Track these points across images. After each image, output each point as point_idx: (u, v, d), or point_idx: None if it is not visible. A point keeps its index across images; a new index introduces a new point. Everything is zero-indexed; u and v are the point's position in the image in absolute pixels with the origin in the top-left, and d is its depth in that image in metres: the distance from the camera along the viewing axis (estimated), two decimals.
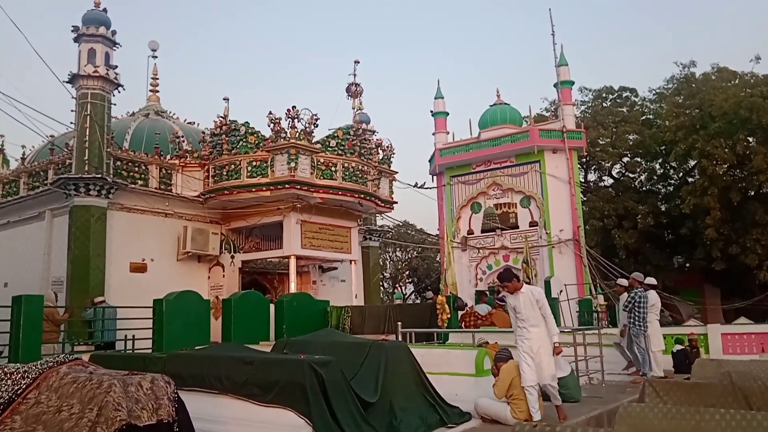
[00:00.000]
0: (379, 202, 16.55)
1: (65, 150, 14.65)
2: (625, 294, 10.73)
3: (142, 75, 19.96)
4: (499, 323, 12.31)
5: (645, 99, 32.00)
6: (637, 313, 10.11)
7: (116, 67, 14.10)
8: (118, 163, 14.19)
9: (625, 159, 30.76)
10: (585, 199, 28.42)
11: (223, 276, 15.51)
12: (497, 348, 7.88)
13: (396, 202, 17.71)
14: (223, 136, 15.08)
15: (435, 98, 27.37)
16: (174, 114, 19.61)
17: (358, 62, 17.93)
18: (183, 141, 16.44)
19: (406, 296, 40.71)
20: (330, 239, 15.98)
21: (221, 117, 15.37)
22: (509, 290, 6.91)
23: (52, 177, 14.38)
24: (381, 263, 33.79)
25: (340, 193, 15.04)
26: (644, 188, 30.85)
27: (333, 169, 14.98)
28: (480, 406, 6.86)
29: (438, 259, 35.23)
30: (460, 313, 13.00)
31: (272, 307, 12.67)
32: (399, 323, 11.42)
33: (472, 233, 24.94)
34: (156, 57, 19.58)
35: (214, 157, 15.27)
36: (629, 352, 10.53)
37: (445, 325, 11.86)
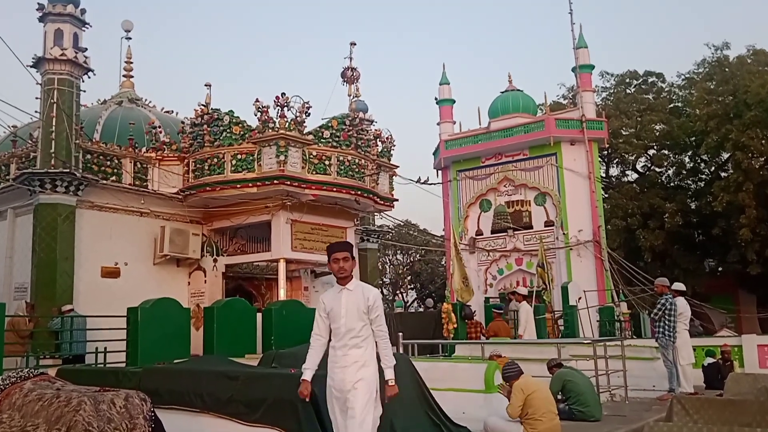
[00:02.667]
0: (378, 200, 16.54)
1: (29, 142, 14.64)
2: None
3: (115, 58, 20.06)
4: (501, 335, 12.40)
5: (673, 85, 32.04)
6: (666, 322, 10.12)
7: (86, 49, 14.08)
8: (88, 156, 14.16)
9: (651, 151, 30.79)
10: (606, 196, 28.45)
11: (205, 282, 15.50)
12: (507, 361, 7.86)
13: (397, 200, 17.70)
14: (205, 126, 15.06)
15: (440, 84, 27.38)
16: (150, 102, 19.61)
17: (355, 44, 17.87)
18: (160, 132, 16.43)
19: (408, 304, 40.74)
20: (323, 241, 15.93)
21: (203, 105, 15.35)
22: (339, 276, 4.95)
23: (14, 172, 14.36)
24: (380, 267, 33.83)
25: (334, 189, 15.02)
26: (672, 184, 30.88)
27: (327, 162, 14.97)
28: (490, 426, 6.88)
29: (443, 262, 35.26)
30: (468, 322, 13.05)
31: (259, 316, 12.64)
32: (400, 334, 11.41)
33: (481, 234, 24.96)
34: (130, 39, 19.57)
35: (194, 150, 15.26)
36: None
37: (451, 335, 11.88)
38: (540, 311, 16.46)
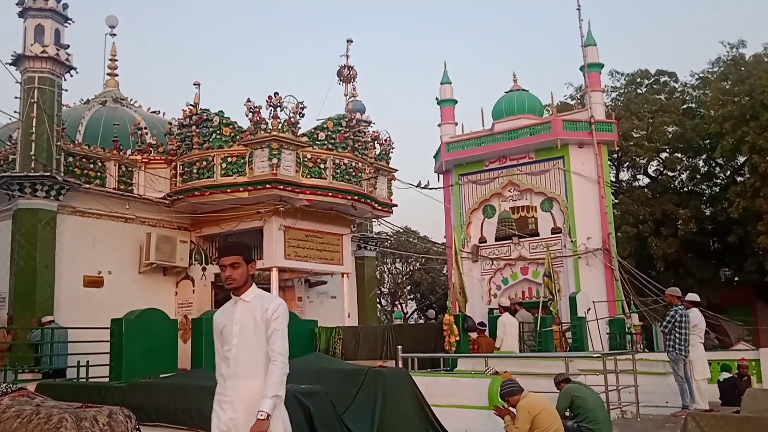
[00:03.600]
0: (376, 205, 16.56)
1: (8, 144, 14.64)
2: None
3: (99, 56, 20.05)
4: (483, 350, 12.45)
5: (686, 85, 32.11)
6: (677, 335, 10.14)
7: (68, 46, 14.10)
8: (70, 158, 14.17)
9: (664, 155, 30.82)
10: (616, 201, 28.47)
11: (193, 291, 15.49)
12: (509, 377, 7.84)
13: (395, 205, 17.72)
14: (194, 127, 15.08)
15: (441, 83, 27.42)
16: (136, 102, 19.62)
17: (351, 41, 17.98)
18: (146, 133, 16.43)
19: (408, 315, 40.69)
20: (318, 248, 15.98)
21: (191, 105, 15.38)
22: (227, 287, 4.18)
23: None
24: (378, 277, 33.81)
25: (330, 194, 15.05)
26: (685, 189, 30.92)
27: (322, 166, 14.99)
28: None
29: (444, 271, 35.26)
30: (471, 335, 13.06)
31: None
32: (399, 347, 11.43)
33: (485, 241, 24.96)
34: (115, 35, 19.60)
35: (182, 153, 15.27)
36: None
37: (453, 349, 11.86)
38: (547, 323, 16.46)
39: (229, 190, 14.57)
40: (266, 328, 3.96)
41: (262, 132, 14.38)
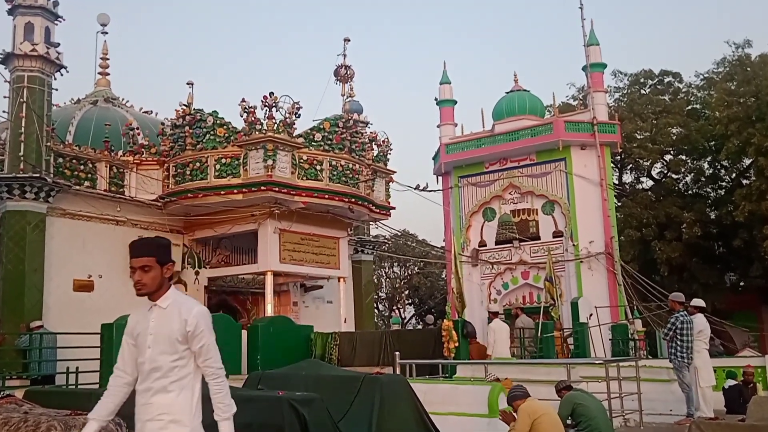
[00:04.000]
0: (374, 208, 16.57)
1: None
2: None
3: (90, 54, 20.04)
4: (473, 357, 12.46)
5: (691, 85, 32.17)
6: (679, 342, 10.16)
7: (58, 44, 14.11)
8: (60, 160, 14.17)
9: (668, 157, 30.86)
10: (619, 204, 28.50)
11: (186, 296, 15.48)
12: (510, 384, 7.87)
13: (393, 208, 17.73)
14: (187, 128, 15.09)
15: (440, 83, 27.44)
16: (127, 101, 19.64)
17: (349, 40, 18.03)
18: (138, 134, 16.44)
19: (406, 320, 40.69)
20: (314, 252, 15.98)
21: (184, 105, 15.38)
22: (141, 290, 3.70)
23: None
24: (375, 281, 33.81)
25: (326, 196, 15.05)
26: (690, 192, 30.96)
27: (318, 167, 15.00)
28: None
29: (443, 276, 35.26)
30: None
31: (244, 333, 12.63)
32: (397, 353, 11.40)
33: (485, 245, 24.96)
34: (106, 33, 19.65)
35: (175, 154, 15.27)
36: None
37: (452, 355, 11.86)
38: (548, 329, 16.45)
39: (222, 192, 14.57)
40: (191, 343, 3.60)
41: (257, 133, 14.38)
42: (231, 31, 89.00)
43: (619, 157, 29.71)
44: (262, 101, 14.52)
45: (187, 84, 15.62)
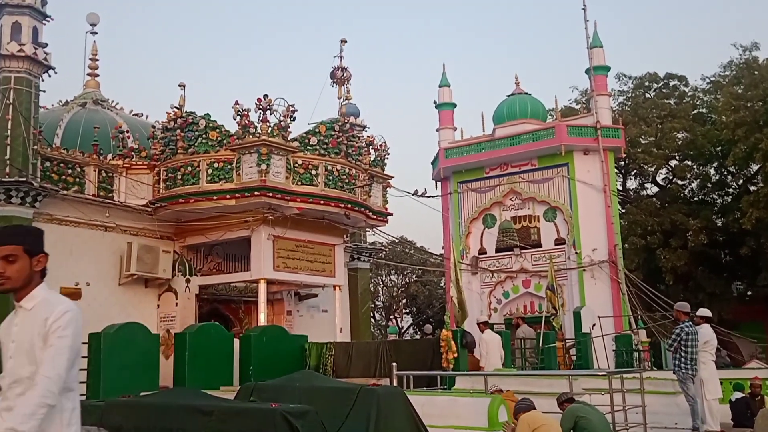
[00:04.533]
0: (371, 214, 16.57)
1: None
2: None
3: (79, 55, 20.06)
4: (469, 369, 12.48)
5: (697, 89, 32.28)
6: (682, 353, 10.18)
7: (46, 45, 14.11)
8: (47, 163, 14.16)
9: (673, 162, 30.95)
10: (623, 211, 28.54)
11: (176, 304, 15.47)
12: (512, 395, 7.88)
13: (391, 214, 17.73)
14: (178, 131, 15.09)
15: (439, 86, 27.51)
16: (117, 104, 19.63)
17: (345, 41, 18.01)
18: (128, 137, 16.45)
19: (403, 330, 40.67)
20: (309, 259, 15.97)
21: (176, 108, 15.39)
22: (3, 285, 3.21)
23: None
24: (372, 289, 33.78)
25: (322, 202, 15.05)
26: (696, 198, 31.04)
27: (313, 172, 15.00)
28: None
29: (442, 284, 35.25)
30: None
31: (237, 343, 12.61)
32: (394, 364, 11.37)
33: (485, 252, 24.98)
34: (96, 33, 19.65)
35: (166, 157, 15.27)
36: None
37: (451, 366, 11.86)
38: (550, 339, 16.46)
39: (215, 198, 14.56)
40: (44, 345, 3.00)
41: (251, 136, 14.39)
42: (224, 32, 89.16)
43: (623, 163, 29.77)
44: (256, 104, 14.53)
45: (179, 86, 15.64)
